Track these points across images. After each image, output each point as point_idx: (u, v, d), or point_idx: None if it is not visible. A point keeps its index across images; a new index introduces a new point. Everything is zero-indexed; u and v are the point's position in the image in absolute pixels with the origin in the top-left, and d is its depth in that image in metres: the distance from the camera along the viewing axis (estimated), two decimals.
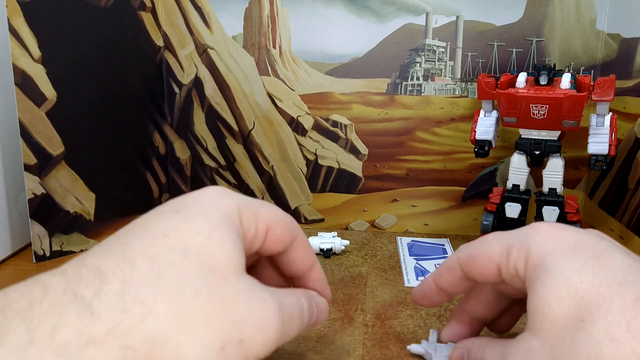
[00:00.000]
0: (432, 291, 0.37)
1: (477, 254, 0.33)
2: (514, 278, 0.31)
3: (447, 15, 0.63)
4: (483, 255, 0.33)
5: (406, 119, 0.66)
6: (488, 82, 0.56)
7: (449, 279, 0.36)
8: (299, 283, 0.35)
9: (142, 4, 0.65)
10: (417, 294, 0.38)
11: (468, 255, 0.34)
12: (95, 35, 0.60)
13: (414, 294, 0.38)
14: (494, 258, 0.32)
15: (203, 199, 0.28)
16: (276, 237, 0.31)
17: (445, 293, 0.36)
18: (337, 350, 0.44)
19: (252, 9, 0.66)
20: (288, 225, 0.31)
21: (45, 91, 0.57)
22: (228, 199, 0.29)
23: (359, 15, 0.64)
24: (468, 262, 0.34)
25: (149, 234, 0.26)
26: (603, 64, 0.61)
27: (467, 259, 0.34)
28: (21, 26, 0.54)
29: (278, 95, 0.68)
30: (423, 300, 0.38)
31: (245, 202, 0.29)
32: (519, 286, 0.31)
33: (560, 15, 0.61)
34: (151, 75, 0.67)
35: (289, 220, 0.32)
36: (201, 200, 0.28)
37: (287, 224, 0.31)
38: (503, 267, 0.31)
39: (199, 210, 0.27)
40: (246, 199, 0.30)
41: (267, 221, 0.30)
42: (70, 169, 0.60)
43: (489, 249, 0.32)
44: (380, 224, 0.69)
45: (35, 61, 0.56)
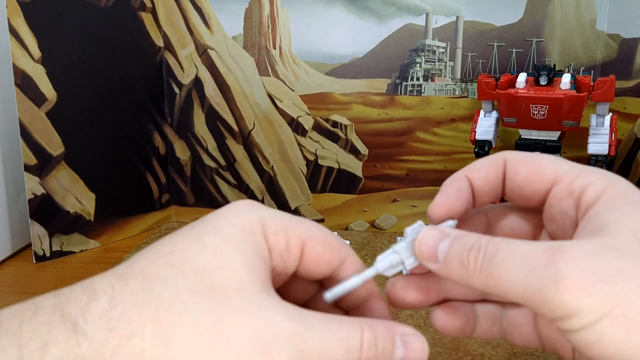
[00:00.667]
0: (462, 190, 0.29)
1: (538, 157, 0.28)
2: (567, 198, 0.26)
3: (447, 16, 0.63)
4: (546, 161, 0.28)
5: (406, 119, 0.66)
6: (488, 83, 0.56)
7: (487, 174, 0.29)
8: (359, 315, 0.29)
9: (142, 4, 0.65)
10: (443, 199, 0.29)
11: (522, 155, 0.28)
12: (96, 36, 0.60)
13: (436, 202, 0.29)
14: (558, 169, 0.27)
15: (223, 214, 0.26)
16: (316, 255, 0.27)
17: (471, 198, 0.29)
18: None
19: (252, 10, 0.66)
20: (332, 243, 0.27)
21: (46, 91, 0.57)
22: (250, 212, 0.26)
23: (359, 16, 0.64)
24: (521, 160, 0.28)
25: (155, 252, 0.24)
26: (603, 64, 0.61)
27: (521, 157, 0.28)
28: (21, 26, 0.54)
29: (278, 96, 0.68)
30: (449, 205, 0.29)
31: (273, 214, 0.26)
32: (565, 208, 0.27)
33: (560, 15, 0.61)
34: (151, 76, 0.67)
35: (335, 240, 0.28)
36: (220, 215, 0.26)
37: (331, 242, 0.27)
38: (565, 181, 0.26)
39: (213, 225, 0.25)
40: (277, 212, 0.27)
41: (303, 236, 0.26)
42: (70, 169, 0.60)
43: (554, 160, 0.28)
44: (380, 224, 0.69)
45: (35, 61, 0.56)
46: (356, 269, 0.28)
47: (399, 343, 0.25)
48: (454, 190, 0.29)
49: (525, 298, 0.23)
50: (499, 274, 0.23)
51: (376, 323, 0.25)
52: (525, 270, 0.23)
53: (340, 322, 0.24)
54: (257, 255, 0.25)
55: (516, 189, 0.28)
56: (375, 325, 0.25)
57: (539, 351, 0.44)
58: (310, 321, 0.23)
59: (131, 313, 0.22)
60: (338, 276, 0.28)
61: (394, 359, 0.25)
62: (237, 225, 0.25)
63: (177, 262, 0.23)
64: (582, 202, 0.26)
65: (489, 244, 0.24)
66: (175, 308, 0.22)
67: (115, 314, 0.21)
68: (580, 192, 0.26)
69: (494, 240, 0.24)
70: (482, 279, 0.24)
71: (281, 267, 0.26)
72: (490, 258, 0.24)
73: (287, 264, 0.26)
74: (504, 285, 0.23)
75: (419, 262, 0.27)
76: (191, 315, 0.22)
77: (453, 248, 0.25)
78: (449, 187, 0.29)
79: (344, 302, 0.29)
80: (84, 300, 0.22)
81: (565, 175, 0.27)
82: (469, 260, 0.24)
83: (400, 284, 0.29)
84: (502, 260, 0.23)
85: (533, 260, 0.23)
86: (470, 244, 0.25)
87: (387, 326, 0.25)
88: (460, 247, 0.25)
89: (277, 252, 0.26)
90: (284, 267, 0.26)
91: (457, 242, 0.26)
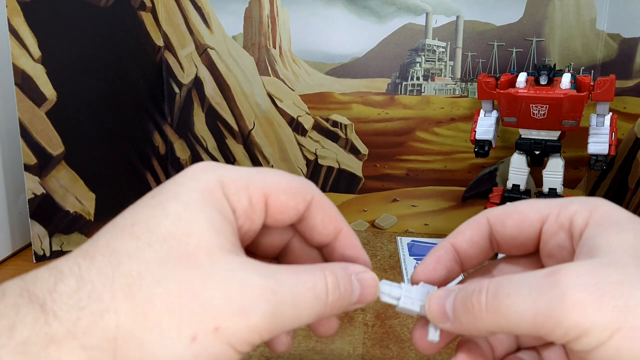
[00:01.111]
0: (442, 258, 0.30)
1: (518, 206, 0.29)
2: (559, 231, 0.27)
3: (447, 15, 0.63)
4: (527, 206, 0.29)
5: (406, 119, 0.66)
6: (488, 82, 0.56)
7: (471, 236, 0.30)
8: (332, 254, 0.30)
9: (142, 4, 0.65)
10: (421, 268, 0.30)
11: (503, 209, 0.30)
12: (96, 35, 0.60)
13: (416, 271, 0.30)
14: (541, 209, 0.28)
15: (180, 179, 0.26)
16: (280, 205, 0.27)
17: (457, 263, 0.30)
18: (338, 350, 0.44)
19: (252, 9, 0.66)
20: (296, 190, 0.27)
21: (45, 91, 0.57)
22: (208, 174, 0.26)
23: (359, 15, 0.64)
24: (504, 214, 0.29)
25: (117, 226, 0.24)
26: (603, 64, 0.61)
27: (503, 211, 0.29)
28: (21, 26, 0.54)
29: (278, 95, 0.68)
30: (426, 274, 0.30)
31: (232, 173, 0.26)
32: (559, 241, 0.28)
33: (561, 15, 0.61)
34: (151, 75, 0.67)
35: (299, 184, 0.28)
36: (178, 181, 0.26)
37: (295, 187, 0.27)
38: (552, 217, 0.28)
39: (173, 191, 0.25)
40: (236, 169, 0.27)
41: (265, 189, 0.27)
42: (70, 169, 0.60)
43: (533, 202, 0.29)
44: (380, 224, 0.69)
45: (35, 61, 0.56)
46: (324, 208, 0.29)
47: (355, 282, 0.27)
48: (433, 259, 0.30)
49: (537, 326, 0.23)
50: (505, 307, 0.24)
51: (335, 267, 0.26)
52: (531, 297, 0.23)
53: (307, 272, 0.25)
54: (221, 218, 0.25)
55: (510, 241, 0.29)
56: (335, 269, 0.26)
57: None
58: (280, 275, 0.24)
59: (101, 291, 0.22)
60: (306, 219, 0.29)
61: (353, 296, 0.27)
62: (197, 189, 0.25)
63: (142, 233, 0.23)
64: (574, 230, 0.27)
65: (490, 283, 0.25)
66: (146, 281, 0.22)
67: (85, 293, 0.21)
68: (569, 222, 0.27)
69: (494, 279, 0.25)
70: (490, 318, 0.24)
71: (248, 224, 0.26)
72: (494, 295, 0.24)
73: (253, 220, 0.27)
74: (513, 317, 0.23)
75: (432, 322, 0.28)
76: (163, 286, 0.22)
77: (457, 299, 0.26)
78: (429, 257, 0.30)
79: (315, 241, 0.30)
80: (50, 281, 0.22)
81: (550, 212, 0.28)
82: (473, 303, 0.25)
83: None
84: (506, 293, 0.24)
85: (537, 286, 0.23)
86: (472, 288, 0.25)
87: (343, 268, 0.27)
88: (463, 295, 0.26)
89: (241, 211, 0.26)
90: (250, 224, 0.27)
91: (460, 292, 0.26)
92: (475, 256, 0.30)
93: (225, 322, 0.22)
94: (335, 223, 0.29)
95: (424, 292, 0.29)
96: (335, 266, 0.27)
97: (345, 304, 0.26)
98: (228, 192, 0.26)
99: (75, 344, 0.21)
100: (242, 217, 0.26)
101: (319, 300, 0.25)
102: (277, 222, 0.28)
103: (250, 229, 0.27)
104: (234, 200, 0.26)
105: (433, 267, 0.30)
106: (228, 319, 0.22)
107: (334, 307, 0.26)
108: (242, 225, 0.26)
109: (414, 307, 0.28)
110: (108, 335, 0.21)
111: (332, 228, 0.29)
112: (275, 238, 0.30)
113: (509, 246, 0.30)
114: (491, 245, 0.30)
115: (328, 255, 0.30)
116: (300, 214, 0.28)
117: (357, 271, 0.27)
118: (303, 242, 0.31)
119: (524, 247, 0.29)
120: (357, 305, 0.27)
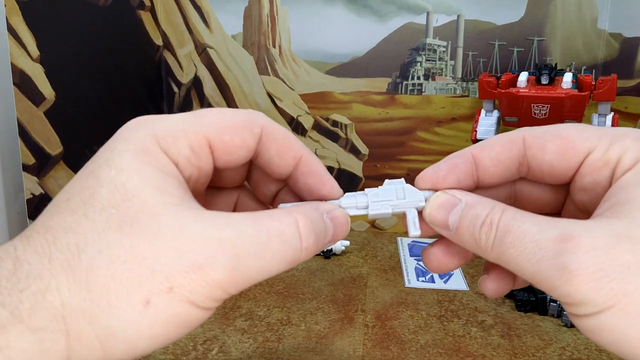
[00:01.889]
0: (457, 168, 0.26)
1: (562, 130, 0.26)
2: (603, 167, 0.25)
3: (448, 15, 0.63)
4: (574, 132, 0.25)
5: (407, 118, 0.66)
6: (489, 82, 0.55)
7: (500, 154, 0.26)
8: (296, 185, 0.28)
9: (141, 3, 0.64)
10: (431, 172, 0.27)
11: (545, 130, 0.26)
12: (94, 35, 0.60)
13: (424, 174, 0.27)
14: (590, 138, 0.25)
15: (112, 143, 0.24)
16: (226, 146, 0.25)
17: (472, 179, 0.27)
18: (338, 351, 0.44)
19: (252, 8, 0.66)
20: (240, 125, 0.25)
21: (44, 91, 0.56)
22: (139, 132, 0.24)
23: (359, 14, 0.64)
24: (546, 136, 0.26)
25: (54, 204, 0.23)
26: (604, 63, 0.61)
27: (545, 133, 0.26)
28: (19, 25, 0.54)
29: (278, 95, 0.67)
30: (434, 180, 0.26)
31: (166, 124, 0.24)
32: (598, 177, 0.25)
33: (562, 14, 0.61)
34: (150, 75, 0.67)
35: (243, 119, 0.26)
36: (110, 146, 0.24)
37: (239, 123, 0.25)
38: (600, 150, 0.25)
39: (105, 157, 0.23)
40: (171, 118, 0.25)
41: (205, 133, 0.25)
42: (68, 169, 0.59)
43: (580, 128, 0.25)
44: (380, 224, 0.69)
45: (33, 60, 0.55)
46: (277, 138, 0.27)
47: (327, 220, 0.25)
48: (448, 166, 0.27)
49: (534, 282, 0.23)
50: (509, 255, 0.23)
51: (307, 209, 0.25)
52: (534, 257, 0.22)
53: (271, 218, 0.23)
54: (162, 174, 0.23)
55: (546, 169, 0.26)
56: (307, 211, 0.24)
57: (539, 352, 0.44)
58: (239, 225, 0.22)
59: (39, 269, 0.21)
60: (261, 153, 0.27)
61: (327, 236, 0.25)
62: (130, 150, 0.23)
63: (77, 207, 0.22)
64: (618, 169, 0.24)
65: (501, 220, 0.23)
66: (86, 253, 0.21)
67: (23, 274, 0.21)
68: (617, 159, 0.24)
69: (506, 216, 0.23)
70: (494, 256, 0.24)
71: (196, 174, 0.25)
72: (501, 238, 0.23)
73: (201, 167, 0.25)
74: (514, 267, 0.23)
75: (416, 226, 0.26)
76: (105, 255, 0.21)
77: (464, 220, 0.25)
78: (444, 162, 0.27)
79: (276, 174, 0.28)
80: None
81: (600, 143, 0.25)
82: (481, 236, 0.24)
83: (438, 255, 0.28)
84: (512, 243, 0.23)
85: (543, 248, 0.22)
86: (482, 217, 0.24)
87: (315, 208, 0.25)
88: (472, 220, 0.24)
89: (184, 161, 0.24)
90: (200, 172, 0.25)
91: (468, 212, 0.25)
92: (496, 176, 0.27)
93: (179, 280, 0.21)
94: (293, 151, 0.27)
95: (391, 190, 0.27)
96: (307, 208, 0.25)
97: (321, 246, 0.25)
98: (165, 145, 0.24)
99: (22, 327, 0.20)
100: (187, 167, 0.24)
101: (290, 247, 0.23)
102: (229, 164, 0.26)
103: (201, 176, 0.25)
104: (173, 152, 0.24)
105: (444, 176, 0.26)
106: (182, 276, 0.21)
107: (310, 251, 0.24)
108: (190, 175, 0.25)
109: (385, 211, 0.27)
110: (55, 314, 0.20)
111: (290, 157, 0.27)
112: (236, 179, 0.29)
113: (541, 173, 0.26)
114: (519, 169, 0.27)
115: (293, 186, 0.28)
116: (251, 150, 0.26)
117: (328, 209, 0.26)
118: (266, 179, 0.29)
119: (559, 178, 0.26)
120: (329, 245, 0.26)
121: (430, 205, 0.26)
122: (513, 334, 0.47)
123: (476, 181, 0.27)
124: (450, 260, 0.28)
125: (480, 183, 0.27)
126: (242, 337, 0.46)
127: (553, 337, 0.46)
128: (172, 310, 0.21)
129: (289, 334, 0.46)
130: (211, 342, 0.46)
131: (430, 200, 0.26)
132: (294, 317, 0.49)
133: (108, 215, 0.22)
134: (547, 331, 0.47)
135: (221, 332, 0.47)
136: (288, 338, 0.46)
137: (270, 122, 0.26)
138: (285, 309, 0.51)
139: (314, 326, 0.48)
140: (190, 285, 0.21)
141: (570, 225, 0.22)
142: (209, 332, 0.47)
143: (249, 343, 0.45)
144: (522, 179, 0.28)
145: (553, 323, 0.48)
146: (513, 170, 0.27)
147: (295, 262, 0.24)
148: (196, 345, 0.45)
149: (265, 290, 0.54)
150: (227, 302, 0.51)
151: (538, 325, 0.48)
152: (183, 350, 0.44)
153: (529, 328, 0.48)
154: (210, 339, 0.46)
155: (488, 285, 0.28)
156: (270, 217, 0.23)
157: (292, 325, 0.48)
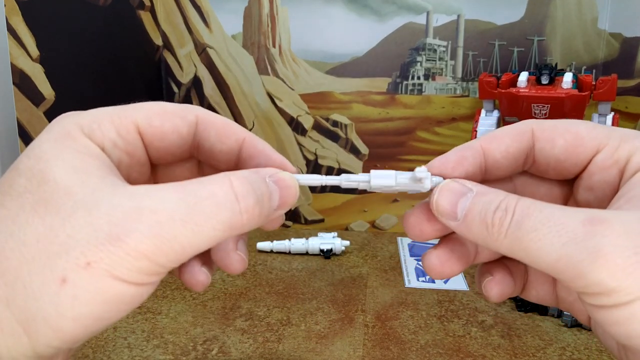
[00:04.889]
0: (466, 160, 0.26)
1: (572, 125, 0.25)
2: (612, 166, 0.24)
3: (448, 14, 0.63)
4: (584, 128, 0.25)
5: (407, 118, 0.66)
6: (489, 82, 0.55)
7: (509, 146, 0.26)
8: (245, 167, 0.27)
9: (141, 3, 0.64)
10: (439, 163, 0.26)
11: (554, 124, 0.25)
12: (94, 35, 0.60)
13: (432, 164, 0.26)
14: (600, 136, 0.25)
15: (37, 137, 0.24)
16: (155, 130, 0.25)
17: (480, 170, 0.26)
18: (338, 351, 0.44)
19: (252, 8, 0.65)
20: (172, 112, 0.26)
21: (44, 91, 0.56)
22: (64, 121, 0.24)
23: (359, 14, 0.64)
24: (555, 131, 0.25)
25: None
26: (605, 63, 0.61)
27: (554, 127, 0.25)
28: (19, 25, 0.54)
29: (278, 95, 0.67)
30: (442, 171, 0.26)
31: (94, 112, 0.25)
32: (606, 176, 0.25)
33: (562, 14, 0.61)
34: (150, 75, 0.67)
35: (176, 107, 0.26)
36: (36, 139, 0.24)
37: (171, 110, 0.26)
38: (609, 149, 0.24)
39: (26, 152, 0.23)
40: (101, 109, 0.25)
41: (134, 117, 0.25)
42: None
43: (590, 125, 0.25)
44: (380, 224, 0.69)
45: (33, 60, 0.55)
46: (215, 123, 0.26)
47: (272, 184, 0.24)
48: (457, 158, 0.26)
49: (556, 269, 0.21)
50: (528, 240, 0.21)
51: (243, 172, 0.24)
52: (560, 240, 0.21)
53: (201, 183, 0.22)
54: (81, 155, 0.23)
55: (553, 163, 0.26)
56: (244, 174, 0.23)
57: (539, 352, 0.44)
58: (161, 192, 0.22)
59: None
60: (199, 138, 0.26)
61: (273, 201, 0.24)
62: (51, 139, 0.23)
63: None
64: (628, 169, 0.24)
65: (518, 205, 0.22)
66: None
67: None
68: (627, 158, 0.24)
69: (523, 202, 0.22)
70: (507, 244, 0.22)
71: (127, 159, 0.25)
72: (519, 222, 0.22)
73: (132, 151, 0.25)
74: (534, 253, 0.21)
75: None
76: (17, 237, 0.21)
77: (475, 206, 0.23)
78: (453, 153, 0.26)
79: (222, 163, 0.27)
80: None
81: (609, 142, 0.24)
82: (494, 222, 0.22)
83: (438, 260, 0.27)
84: (533, 226, 0.21)
85: (571, 231, 0.21)
86: (495, 203, 0.23)
87: (255, 172, 0.24)
88: (483, 206, 0.23)
89: (110, 145, 0.24)
90: (131, 158, 0.25)
91: (480, 199, 0.23)
92: (504, 168, 0.26)
93: (96, 254, 0.20)
94: (235, 135, 0.27)
95: (391, 173, 0.26)
96: (244, 171, 0.24)
97: (266, 211, 0.24)
98: (89, 130, 0.24)
99: None
100: (115, 151, 0.24)
101: (224, 208, 0.22)
102: (164, 151, 0.26)
103: (133, 163, 0.25)
104: (97, 136, 0.24)
105: (452, 167, 0.26)
106: (99, 250, 0.20)
107: (253, 215, 0.23)
108: (120, 160, 0.24)
109: (388, 181, 0.26)
110: None
111: (231, 141, 0.27)
112: (184, 173, 0.28)
113: (547, 167, 0.26)
114: (525, 161, 0.26)
115: None
116: (184, 136, 0.26)
117: (270, 173, 0.25)
118: (216, 170, 0.28)
119: (564, 173, 0.26)
120: (280, 211, 0.25)
121: (438, 192, 0.25)
122: (513, 334, 0.47)
123: (484, 173, 0.26)
124: (452, 264, 0.27)
125: (487, 175, 0.26)
126: (242, 337, 0.46)
127: (553, 337, 0.46)
128: (92, 286, 0.20)
129: (289, 334, 0.46)
130: (211, 342, 0.46)
131: (439, 187, 0.25)
132: (294, 317, 0.49)
133: (23, 200, 0.21)
134: (547, 331, 0.47)
135: (221, 332, 0.47)
136: (288, 338, 0.46)
137: (207, 112, 0.26)
138: (285, 309, 0.50)
139: (314, 326, 0.48)
140: (109, 258, 0.20)
141: (596, 211, 0.21)
142: (209, 332, 0.47)
143: (249, 343, 0.45)
144: (524, 174, 0.28)
145: (553, 323, 0.48)
146: (520, 163, 0.26)
147: (235, 226, 0.22)
148: (196, 345, 0.45)
149: (265, 290, 0.54)
150: (227, 302, 0.51)
151: (538, 326, 0.48)
152: (183, 351, 0.44)
153: (529, 328, 0.47)
154: (210, 339, 0.46)
155: (494, 288, 0.27)
156: (199, 182, 0.22)
157: (292, 325, 0.48)
